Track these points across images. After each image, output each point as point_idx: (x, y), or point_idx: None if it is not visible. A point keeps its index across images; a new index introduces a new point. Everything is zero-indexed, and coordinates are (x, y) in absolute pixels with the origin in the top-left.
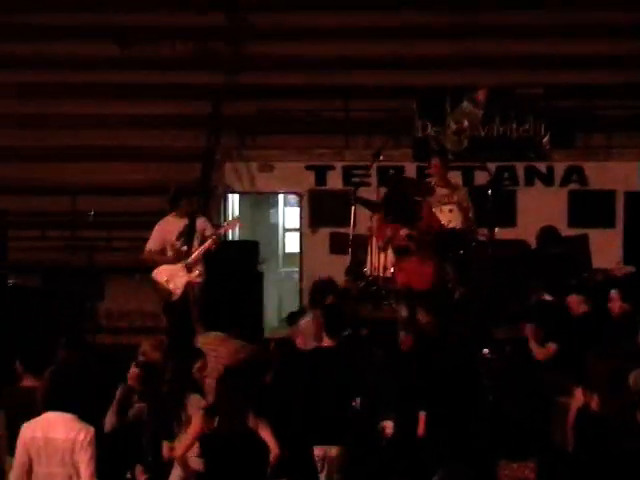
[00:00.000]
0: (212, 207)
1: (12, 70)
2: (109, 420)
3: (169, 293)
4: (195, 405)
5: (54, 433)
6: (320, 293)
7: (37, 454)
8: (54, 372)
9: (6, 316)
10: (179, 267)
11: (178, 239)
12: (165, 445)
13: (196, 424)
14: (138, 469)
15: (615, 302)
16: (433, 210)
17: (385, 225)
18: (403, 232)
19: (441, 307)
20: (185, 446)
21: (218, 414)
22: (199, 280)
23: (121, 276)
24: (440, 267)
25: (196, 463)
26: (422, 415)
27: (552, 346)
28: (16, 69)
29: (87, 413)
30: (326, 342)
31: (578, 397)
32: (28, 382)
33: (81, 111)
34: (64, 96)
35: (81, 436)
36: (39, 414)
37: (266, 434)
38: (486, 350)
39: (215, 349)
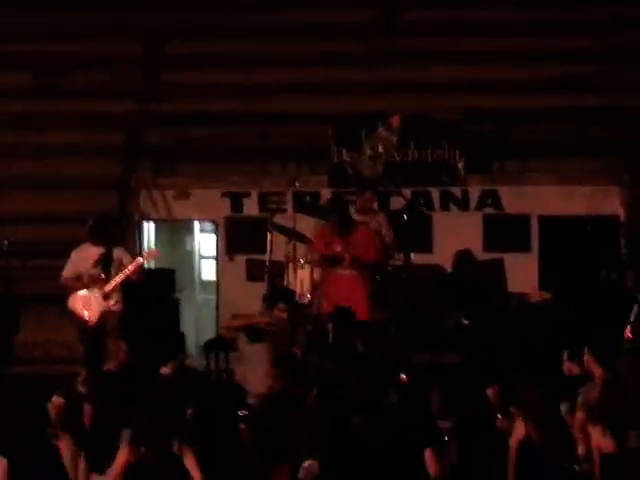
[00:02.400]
0: (128, 235)
1: None
2: None
3: (85, 321)
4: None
5: None
6: None
7: None
8: None
9: None
10: (95, 295)
11: (94, 267)
12: None
13: (122, 454)
14: None
15: None
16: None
17: (325, 233)
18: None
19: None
20: (113, 477)
21: (143, 443)
22: (116, 308)
23: (36, 306)
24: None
25: None
26: None
27: None
28: None
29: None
30: None
31: (519, 428)
32: None
33: None
34: None
35: None
36: None
37: (190, 463)
38: (404, 376)
39: None
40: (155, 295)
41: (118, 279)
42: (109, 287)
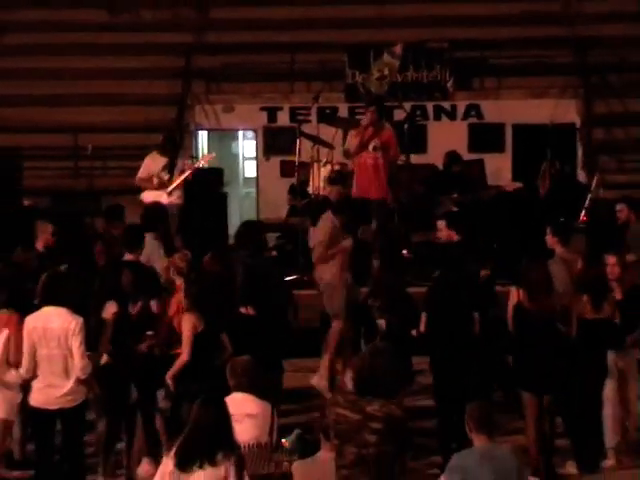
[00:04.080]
0: (186, 141)
1: (25, 32)
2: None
3: None
4: (109, 310)
5: (51, 323)
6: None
7: (38, 340)
8: (50, 275)
9: (22, 231)
10: (162, 192)
11: (162, 171)
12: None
13: (187, 326)
14: None
15: (442, 231)
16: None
17: (360, 127)
18: (375, 142)
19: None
20: (186, 346)
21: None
22: (178, 202)
23: (114, 197)
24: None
25: None
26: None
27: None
28: (28, 32)
29: (77, 306)
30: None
31: (514, 295)
32: None
33: (81, 65)
34: (67, 53)
35: (73, 325)
36: None
37: (223, 336)
38: (405, 251)
39: None
40: (207, 189)
41: (179, 180)
42: (172, 186)
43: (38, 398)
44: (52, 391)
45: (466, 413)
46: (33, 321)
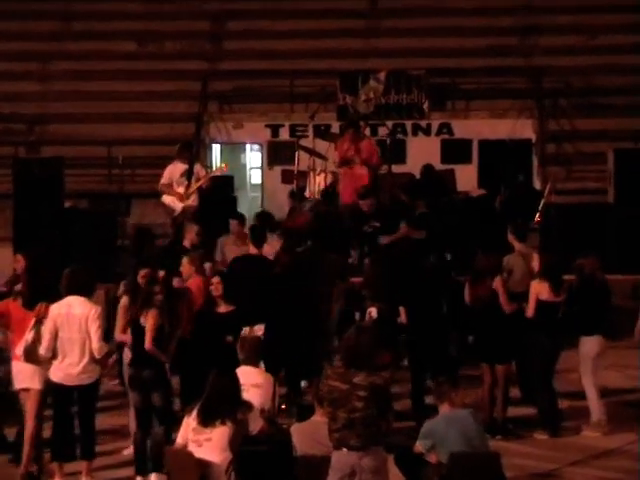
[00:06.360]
0: (202, 153)
1: (67, 60)
2: None
3: (172, 211)
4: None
5: (73, 310)
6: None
7: (61, 325)
8: (72, 270)
9: (63, 229)
10: (180, 195)
11: (181, 177)
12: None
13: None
14: None
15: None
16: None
17: (342, 144)
18: (352, 155)
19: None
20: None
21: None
22: (194, 204)
23: (141, 200)
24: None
25: None
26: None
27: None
28: (69, 60)
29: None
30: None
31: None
32: None
33: (114, 88)
34: (102, 78)
35: (92, 312)
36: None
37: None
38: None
39: None
40: (220, 193)
41: (195, 186)
42: (189, 190)
43: (58, 374)
44: (70, 369)
45: (433, 388)
46: (58, 308)
